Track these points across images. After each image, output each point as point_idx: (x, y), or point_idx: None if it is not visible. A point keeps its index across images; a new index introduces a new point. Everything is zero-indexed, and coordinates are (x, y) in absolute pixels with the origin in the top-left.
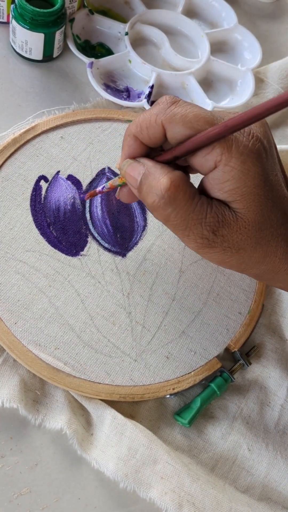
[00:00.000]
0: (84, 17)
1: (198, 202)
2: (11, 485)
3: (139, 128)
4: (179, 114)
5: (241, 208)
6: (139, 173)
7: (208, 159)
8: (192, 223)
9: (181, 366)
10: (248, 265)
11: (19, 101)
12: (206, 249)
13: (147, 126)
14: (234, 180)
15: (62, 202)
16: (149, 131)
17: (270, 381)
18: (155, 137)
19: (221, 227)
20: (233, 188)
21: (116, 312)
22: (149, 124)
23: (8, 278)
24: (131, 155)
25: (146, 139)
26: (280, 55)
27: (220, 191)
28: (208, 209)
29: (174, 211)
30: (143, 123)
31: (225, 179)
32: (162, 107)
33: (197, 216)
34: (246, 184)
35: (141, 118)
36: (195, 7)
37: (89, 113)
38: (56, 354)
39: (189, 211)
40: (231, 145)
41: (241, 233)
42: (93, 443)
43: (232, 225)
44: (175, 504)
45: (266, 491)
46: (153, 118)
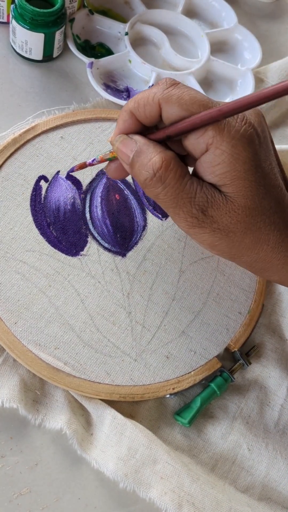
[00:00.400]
0: (84, 17)
1: (188, 181)
2: (11, 485)
3: (136, 104)
4: (176, 95)
5: (231, 192)
6: (131, 150)
7: (200, 141)
8: (182, 202)
9: (181, 366)
10: (239, 250)
11: (19, 101)
12: (196, 228)
13: (144, 103)
14: (225, 163)
15: (62, 202)
16: (145, 108)
17: (270, 381)
18: (151, 115)
19: (210, 207)
20: (223, 171)
21: (116, 312)
22: (147, 101)
23: (8, 278)
24: (125, 130)
25: (142, 116)
26: (280, 55)
27: (211, 174)
28: (198, 188)
29: (164, 189)
30: (141, 100)
31: (216, 162)
32: (162, 87)
33: (187, 194)
34: (236, 168)
35: (139, 95)
36: (195, 7)
37: (89, 113)
38: (56, 354)
39: (179, 189)
40: (223, 128)
41: (231, 216)
42: (93, 443)
43: (221, 207)
44: (175, 504)
45: (266, 491)
46: (150, 96)
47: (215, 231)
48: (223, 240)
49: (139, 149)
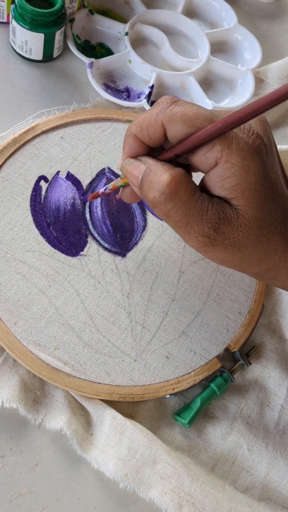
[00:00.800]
0: (84, 17)
1: (199, 199)
2: (11, 485)
3: (139, 128)
4: (178, 113)
5: (242, 205)
6: (140, 171)
7: (209, 156)
8: (193, 220)
9: (181, 366)
10: (250, 263)
11: (19, 101)
12: (207, 247)
13: (147, 125)
14: (235, 176)
15: (62, 202)
16: (149, 130)
17: (270, 381)
18: (155, 136)
19: (222, 224)
20: (233, 184)
21: (116, 312)
22: (149, 123)
23: (8, 278)
24: (132, 154)
25: (146, 138)
26: (280, 55)
27: (221, 188)
28: (209, 205)
29: (175, 207)
30: (143, 123)
31: (225, 175)
32: (162, 106)
33: (198, 212)
34: (247, 181)
35: (141, 118)
36: (195, 7)
37: (89, 113)
38: (56, 354)
39: (189, 206)
40: (231, 141)
41: (242, 230)
42: (93, 443)
43: (233, 222)
44: (175, 504)
45: (266, 491)
46: (153, 118)
47: (226, 247)
48: (235, 255)
49: (148, 169)
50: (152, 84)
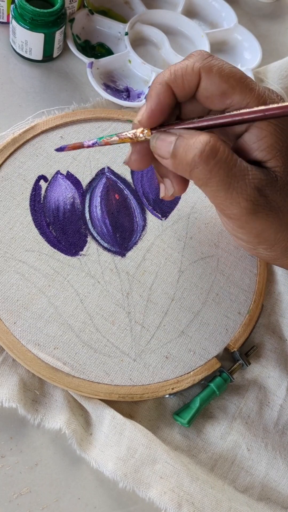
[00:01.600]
0: (84, 17)
1: (238, 159)
2: (11, 485)
3: (173, 75)
4: (216, 65)
5: (279, 166)
6: (171, 141)
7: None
8: (235, 180)
9: (180, 366)
10: (284, 233)
11: (19, 101)
12: (251, 215)
13: (182, 73)
14: (272, 135)
15: (61, 202)
16: (184, 78)
17: (269, 381)
18: (189, 86)
19: (264, 185)
20: (271, 143)
21: (115, 311)
22: (185, 71)
23: (8, 277)
24: (159, 104)
25: (179, 87)
26: (280, 55)
27: (258, 150)
28: (248, 166)
29: (217, 165)
30: (178, 70)
31: (262, 135)
32: (199, 57)
33: (240, 171)
34: (282, 139)
35: (176, 66)
36: (195, 7)
37: (89, 113)
38: (55, 354)
39: (231, 165)
40: (266, 100)
41: (281, 193)
42: (92, 443)
43: (273, 184)
44: (174, 504)
45: (265, 491)
46: (190, 66)
47: (268, 214)
48: (274, 223)
49: (181, 136)
50: None
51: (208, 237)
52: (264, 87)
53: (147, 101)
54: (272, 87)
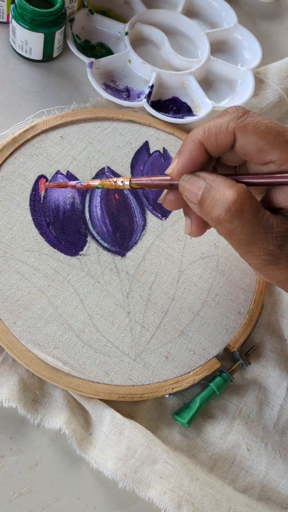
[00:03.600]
0: (84, 17)
1: (264, 216)
2: (11, 485)
3: (207, 134)
4: (251, 123)
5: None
6: (200, 187)
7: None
8: (258, 237)
9: (180, 366)
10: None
11: (19, 101)
12: (271, 266)
13: (216, 132)
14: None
15: (61, 202)
16: (218, 137)
17: (269, 381)
18: (224, 145)
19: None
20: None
21: (115, 311)
22: (220, 130)
23: (7, 277)
24: (192, 161)
25: (213, 146)
26: (280, 55)
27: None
28: (274, 223)
29: (240, 224)
30: (212, 129)
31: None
32: (234, 116)
33: (264, 230)
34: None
35: (210, 124)
36: (195, 7)
37: (89, 113)
38: (55, 354)
39: (255, 224)
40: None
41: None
42: (92, 442)
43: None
44: (174, 504)
45: (265, 491)
46: (224, 125)
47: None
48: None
49: (209, 185)
50: (152, 84)
51: (208, 237)
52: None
53: (179, 155)
54: (272, 88)
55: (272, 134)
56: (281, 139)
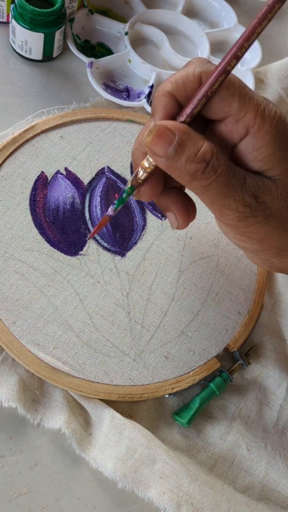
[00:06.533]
0: (84, 17)
1: (236, 168)
2: (10, 484)
3: (175, 85)
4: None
5: (279, 174)
6: (171, 140)
7: (240, 125)
8: (233, 189)
9: (180, 366)
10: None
11: (19, 101)
12: (250, 219)
13: (184, 81)
14: (269, 145)
15: (61, 202)
16: (186, 86)
17: (269, 381)
18: (193, 92)
19: (262, 192)
20: (267, 154)
21: (115, 311)
22: (187, 79)
23: (7, 277)
24: (168, 115)
25: (183, 95)
26: (280, 55)
27: (254, 160)
28: (245, 175)
29: (216, 179)
30: (179, 79)
31: (259, 145)
32: (199, 63)
33: (238, 181)
34: (281, 148)
35: (176, 75)
36: (195, 7)
37: (89, 113)
38: (55, 354)
39: (230, 176)
40: (264, 109)
41: (283, 199)
42: (91, 442)
43: (273, 191)
44: (174, 504)
45: (265, 491)
46: (190, 73)
47: (268, 218)
48: (276, 228)
49: (180, 140)
50: (152, 84)
51: (208, 237)
52: (262, 97)
53: (154, 115)
54: (271, 88)
55: (235, 85)
56: (242, 91)
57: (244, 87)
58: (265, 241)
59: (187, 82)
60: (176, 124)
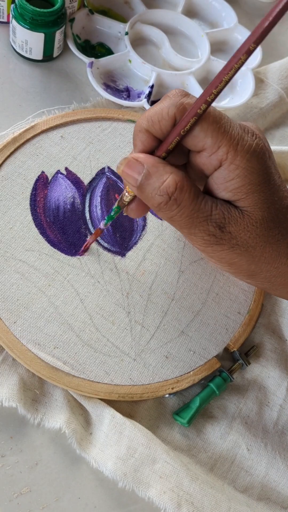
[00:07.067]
0: (84, 17)
1: (202, 200)
2: (11, 484)
3: (150, 122)
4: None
5: (247, 206)
6: (139, 172)
7: (213, 158)
8: (198, 221)
9: (180, 366)
10: (258, 266)
11: (19, 101)
12: (215, 246)
13: (159, 119)
14: (239, 178)
15: (61, 202)
16: (161, 124)
17: (269, 381)
18: (167, 130)
19: (227, 224)
20: (237, 186)
21: (115, 311)
22: (161, 117)
23: (8, 277)
24: (146, 150)
25: (158, 132)
26: (280, 55)
27: (225, 190)
28: (213, 206)
29: (179, 212)
30: (154, 116)
31: (230, 177)
32: (173, 100)
33: (203, 213)
34: (251, 182)
35: (151, 112)
36: (195, 7)
37: (89, 113)
38: (55, 353)
39: (194, 210)
40: (237, 143)
41: (249, 230)
42: (92, 442)
43: (239, 222)
44: (174, 503)
45: (265, 491)
46: (165, 111)
47: (233, 247)
48: (243, 256)
49: (147, 172)
50: (152, 84)
51: None
52: (240, 126)
53: (134, 148)
54: (272, 88)
55: (208, 121)
56: (215, 126)
57: (218, 121)
58: (234, 265)
59: (161, 120)
60: (146, 157)
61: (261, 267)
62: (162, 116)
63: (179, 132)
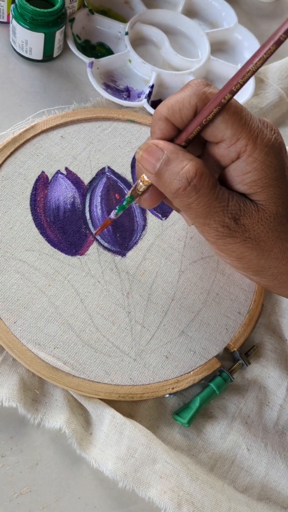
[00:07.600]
0: (84, 17)
1: (220, 190)
2: (11, 484)
3: (171, 110)
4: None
5: (262, 200)
6: (158, 158)
7: (232, 149)
8: (214, 210)
9: (180, 366)
10: (268, 261)
11: (19, 101)
12: (227, 238)
13: (179, 108)
14: (256, 171)
15: (62, 202)
16: (182, 113)
17: (269, 381)
18: (188, 119)
19: (242, 216)
20: (254, 179)
21: (115, 311)
22: (182, 105)
23: (8, 277)
24: (165, 138)
25: (178, 121)
26: (280, 55)
27: (241, 183)
28: (229, 197)
29: (197, 199)
30: (176, 105)
31: (247, 170)
32: (195, 89)
33: (220, 203)
34: (268, 176)
35: (172, 100)
36: (195, 7)
37: (89, 113)
38: (56, 353)
39: (212, 198)
40: (256, 136)
41: (263, 224)
42: (92, 442)
43: (253, 215)
44: (174, 503)
45: (265, 491)
46: (186, 100)
47: (246, 240)
48: (254, 250)
49: (167, 158)
50: (152, 84)
51: None
52: (259, 120)
53: (151, 136)
54: (272, 88)
55: (229, 112)
56: (236, 117)
57: (239, 112)
58: (243, 260)
59: (183, 109)
60: (166, 143)
61: (270, 262)
62: (183, 105)
63: (201, 121)
